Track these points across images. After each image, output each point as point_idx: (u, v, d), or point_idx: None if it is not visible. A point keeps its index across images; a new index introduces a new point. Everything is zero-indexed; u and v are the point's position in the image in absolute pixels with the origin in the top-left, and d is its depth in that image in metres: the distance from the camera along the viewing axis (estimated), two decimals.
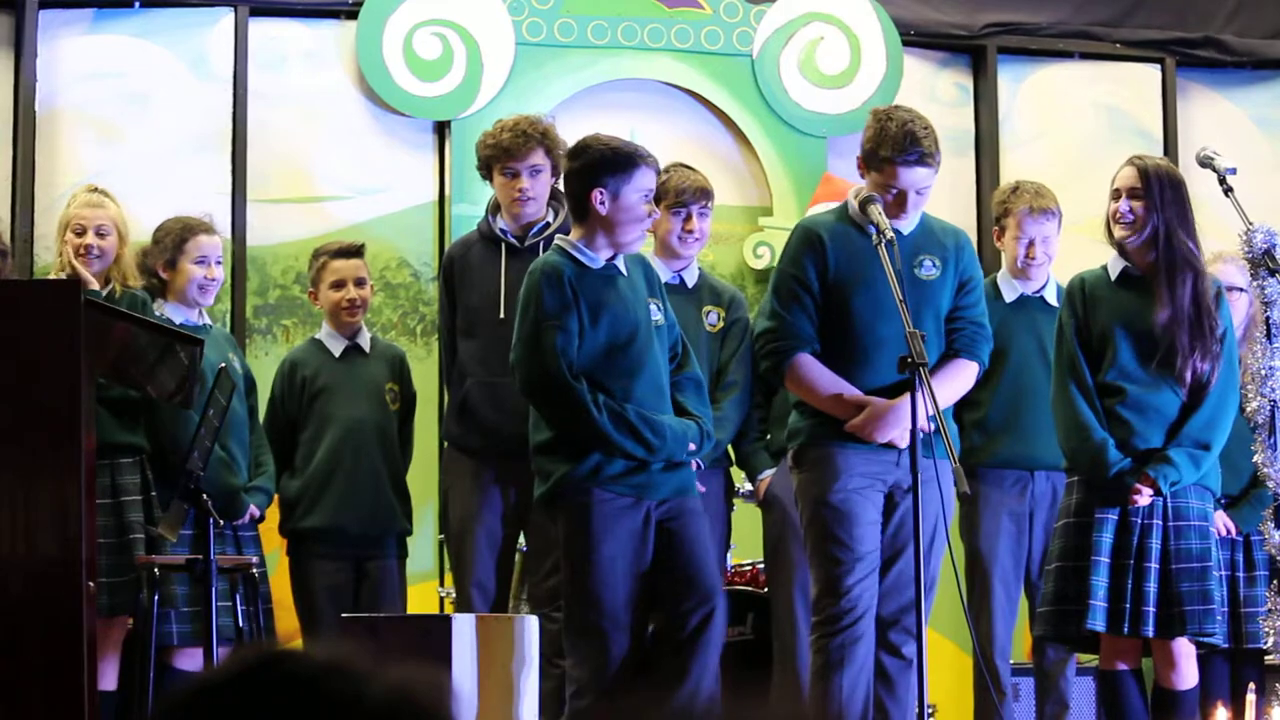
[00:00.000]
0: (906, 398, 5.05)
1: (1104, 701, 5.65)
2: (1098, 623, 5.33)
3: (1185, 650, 5.43)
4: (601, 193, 5.13)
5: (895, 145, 5.30)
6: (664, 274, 5.85)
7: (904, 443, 5.20)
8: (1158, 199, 5.46)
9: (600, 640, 5.09)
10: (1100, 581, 5.34)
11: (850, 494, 5.25)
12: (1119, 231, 5.50)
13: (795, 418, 5.39)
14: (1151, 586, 5.34)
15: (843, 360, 5.31)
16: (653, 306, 5.25)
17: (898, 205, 5.33)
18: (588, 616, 5.10)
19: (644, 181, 5.17)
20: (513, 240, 6.01)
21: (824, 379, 5.30)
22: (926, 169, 5.32)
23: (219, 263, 6.27)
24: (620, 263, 5.23)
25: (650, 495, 5.13)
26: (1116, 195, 5.52)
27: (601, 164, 5.16)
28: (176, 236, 6.22)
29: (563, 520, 5.14)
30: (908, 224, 5.39)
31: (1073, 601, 5.40)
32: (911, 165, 5.30)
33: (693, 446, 5.21)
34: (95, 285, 5.98)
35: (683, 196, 6.07)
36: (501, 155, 5.99)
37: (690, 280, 6.16)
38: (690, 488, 5.24)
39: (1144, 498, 5.36)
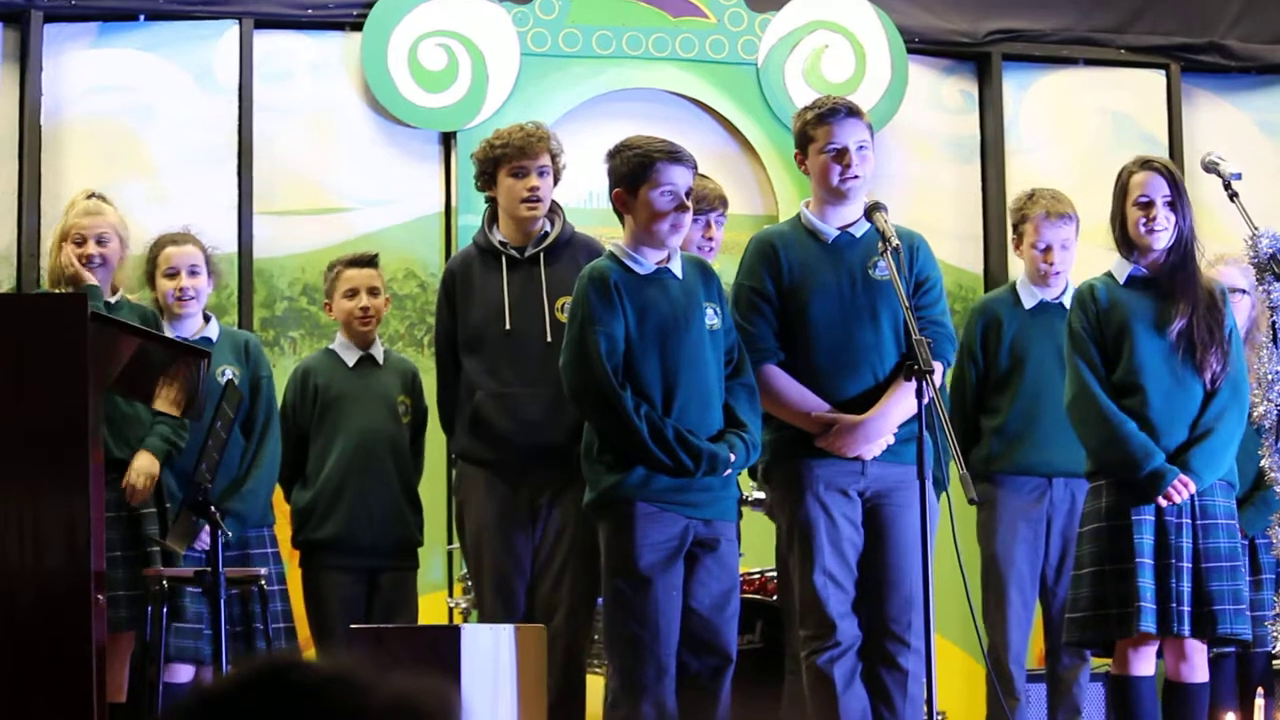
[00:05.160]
0: (875, 414, 5.20)
1: (1116, 707, 5.63)
2: (1149, 624, 5.32)
3: (1197, 644, 5.44)
4: (622, 192, 5.23)
5: (818, 107, 5.40)
6: None
7: (870, 456, 5.26)
8: (1181, 201, 5.49)
9: (637, 651, 5.11)
10: (1147, 583, 5.33)
11: (820, 509, 5.27)
12: (1157, 240, 5.50)
13: (764, 433, 5.37)
14: (1185, 586, 5.34)
15: (804, 368, 5.33)
16: (709, 310, 5.28)
17: (840, 162, 5.32)
18: (626, 627, 5.13)
19: (664, 177, 5.20)
20: (512, 252, 5.95)
21: (790, 391, 5.32)
22: (858, 120, 5.36)
23: (193, 273, 6.21)
24: (676, 265, 5.28)
25: (693, 512, 5.16)
26: (1148, 204, 5.51)
27: (617, 165, 5.27)
28: (150, 253, 6.25)
29: (604, 529, 5.20)
30: (860, 225, 5.38)
31: (1113, 605, 5.39)
32: (842, 117, 5.33)
33: (733, 457, 5.22)
34: (94, 280, 5.96)
35: (701, 205, 6.07)
36: (514, 154, 5.90)
37: None
38: (731, 513, 5.28)
39: (1181, 495, 5.37)
